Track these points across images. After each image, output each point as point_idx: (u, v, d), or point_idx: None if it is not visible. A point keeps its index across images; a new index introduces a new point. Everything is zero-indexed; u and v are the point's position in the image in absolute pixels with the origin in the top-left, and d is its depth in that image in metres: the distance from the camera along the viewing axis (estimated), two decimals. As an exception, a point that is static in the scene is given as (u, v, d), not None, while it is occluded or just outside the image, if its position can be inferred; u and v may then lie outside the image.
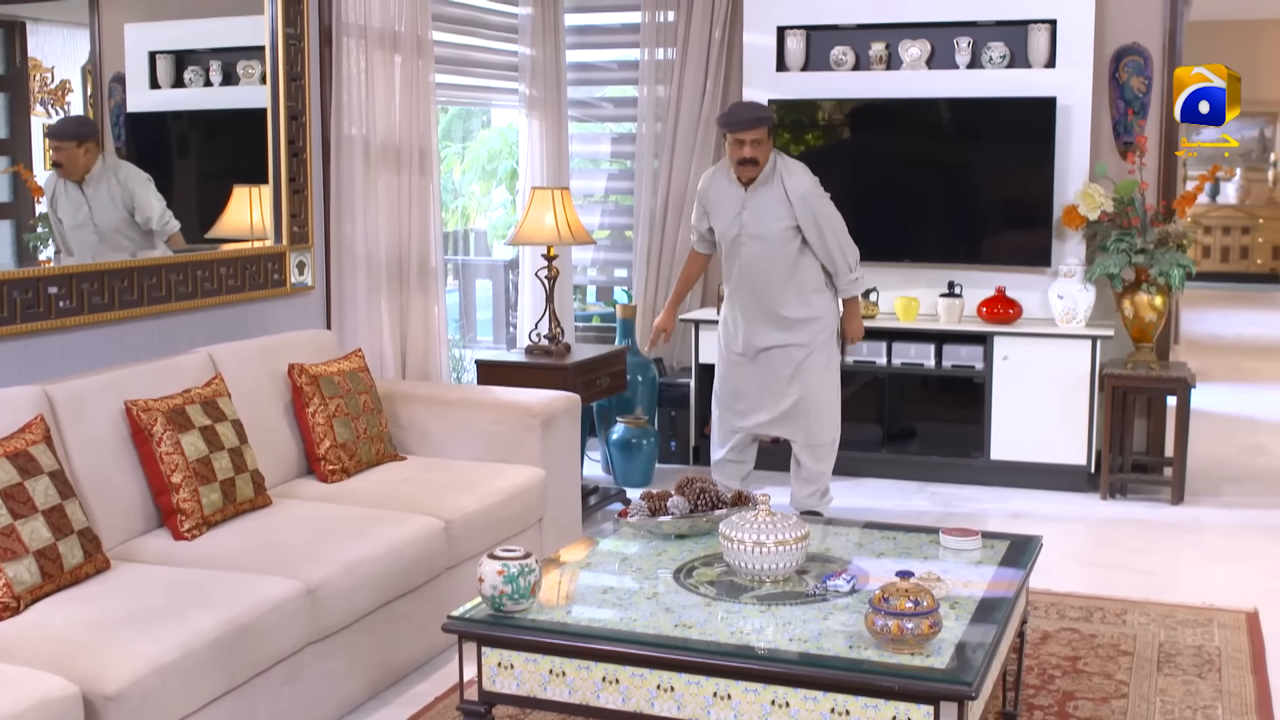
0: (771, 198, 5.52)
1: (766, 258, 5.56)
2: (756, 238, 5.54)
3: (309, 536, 3.94)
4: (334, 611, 3.72)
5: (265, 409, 4.55)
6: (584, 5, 7.57)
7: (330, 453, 4.59)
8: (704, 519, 3.82)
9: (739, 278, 5.67)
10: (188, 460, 3.91)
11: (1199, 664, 4.30)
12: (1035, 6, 6.63)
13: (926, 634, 2.91)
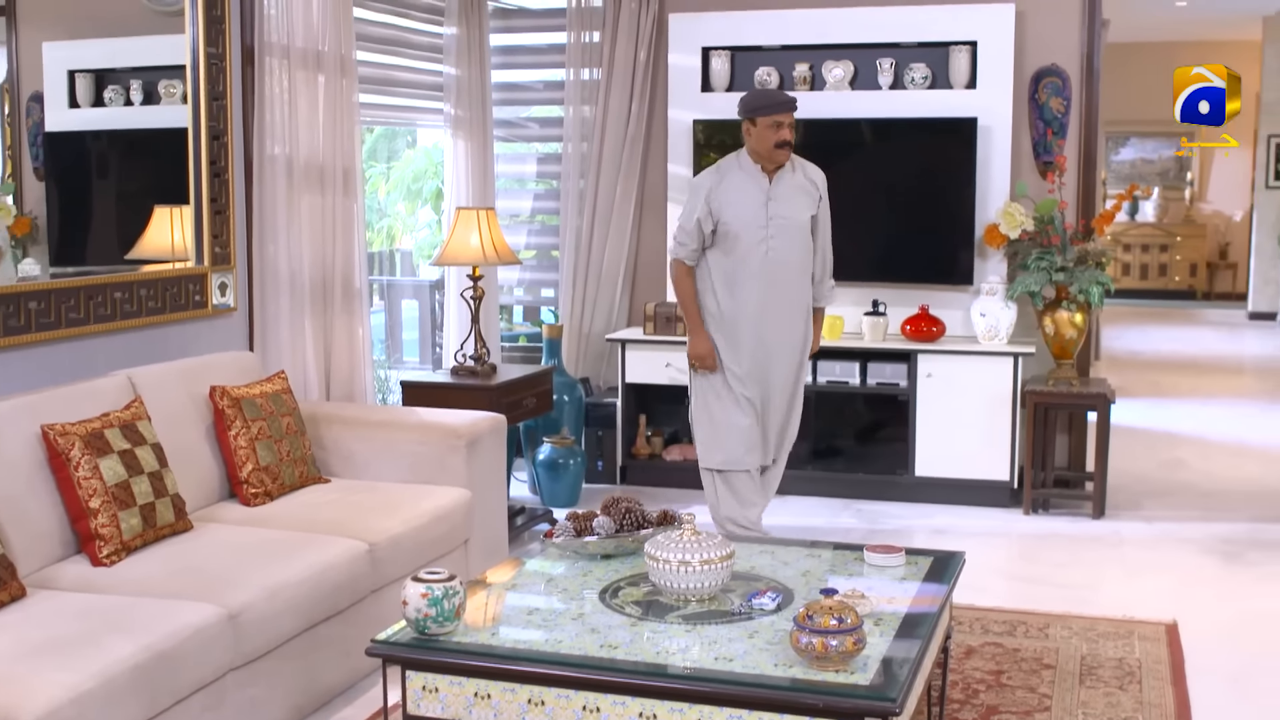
0: (795, 186, 5.45)
1: (791, 248, 5.42)
2: (786, 227, 5.40)
3: (231, 561, 3.89)
4: (256, 637, 3.67)
5: (186, 432, 4.49)
6: (510, 26, 7.58)
7: (253, 476, 4.54)
8: (629, 539, 3.82)
9: (763, 271, 5.40)
10: (106, 485, 3.86)
11: (1120, 676, 4.36)
12: (956, 29, 6.72)
13: (851, 651, 2.92)
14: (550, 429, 6.80)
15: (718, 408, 5.51)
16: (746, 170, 5.43)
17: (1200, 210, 17.65)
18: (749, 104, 5.42)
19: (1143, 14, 14.08)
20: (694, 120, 7.01)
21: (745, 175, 5.42)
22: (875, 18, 6.83)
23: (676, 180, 7.14)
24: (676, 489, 6.89)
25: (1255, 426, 8.99)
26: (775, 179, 5.42)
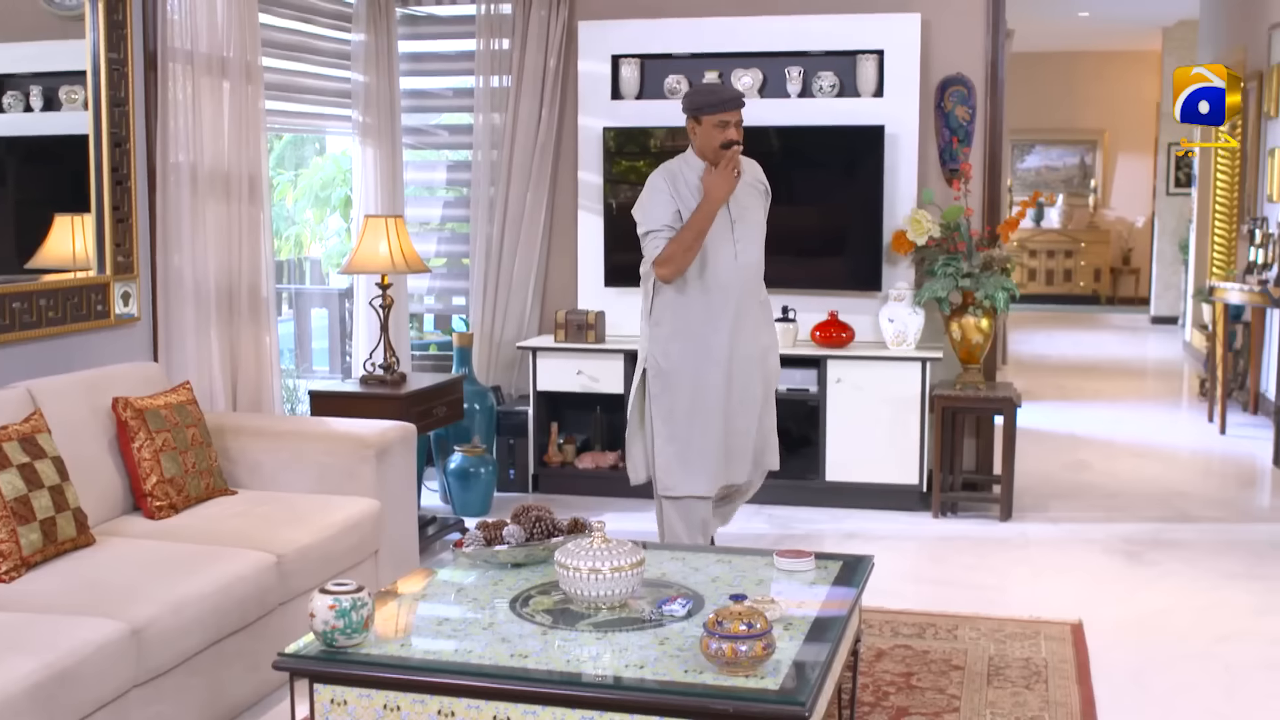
0: (747, 189, 5.18)
1: (755, 250, 5.20)
2: (749, 229, 5.16)
3: (134, 575, 3.82)
4: (161, 652, 3.61)
5: (88, 445, 4.41)
6: (418, 33, 7.53)
7: (157, 488, 4.47)
8: (540, 547, 3.81)
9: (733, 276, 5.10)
10: (5, 499, 3.77)
11: (1027, 676, 4.42)
12: (863, 37, 6.78)
13: (760, 656, 2.94)
14: (461, 438, 6.76)
15: (684, 427, 5.13)
16: (697, 171, 5.10)
17: (1104, 217, 17.98)
18: (693, 101, 5.13)
19: (1046, 24, 14.34)
20: (604, 128, 7.01)
21: (697, 177, 5.08)
22: (784, 26, 6.88)
23: (587, 188, 7.14)
24: (589, 496, 6.91)
25: (1157, 428, 9.17)
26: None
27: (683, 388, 5.12)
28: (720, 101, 5.05)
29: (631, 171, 7.07)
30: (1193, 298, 12.24)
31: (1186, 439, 8.87)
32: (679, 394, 5.12)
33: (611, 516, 6.41)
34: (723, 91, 5.17)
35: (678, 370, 5.12)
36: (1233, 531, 6.39)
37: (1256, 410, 9.34)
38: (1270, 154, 9.52)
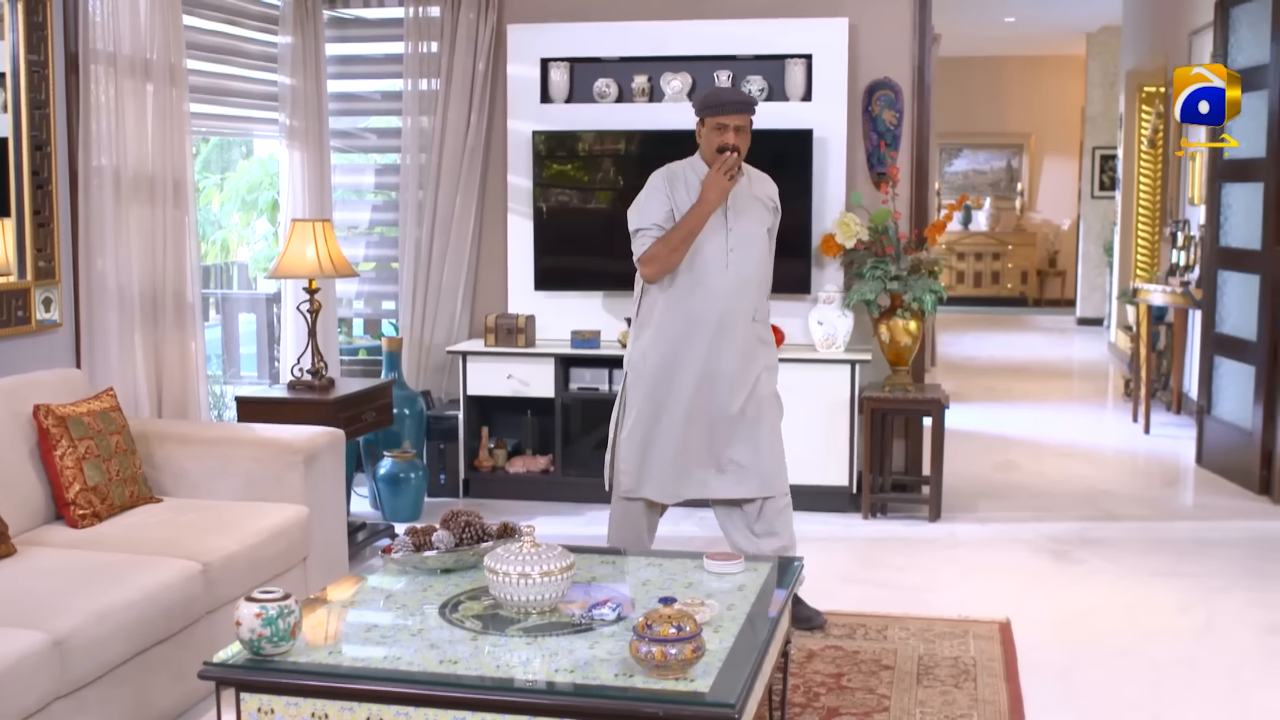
0: (750, 196, 4.96)
1: (750, 262, 4.92)
2: (746, 239, 4.90)
3: (56, 585, 3.76)
4: (84, 663, 3.55)
5: (8, 453, 4.34)
6: (345, 35, 7.48)
7: (80, 497, 4.40)
8: (470, 552, 3.79)
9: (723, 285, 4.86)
10: (-78, 509, 3.71)
11: (956, 674, 4.45)
12: (792, 42, 6.81)
13: (690, 659, 2.94)
14: (391, 443, 6.72)
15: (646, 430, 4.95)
16: (700, 174, 4.88)
17: (1030, 220, 18.19)
18: (698, 102, 4.95)
19: (972, 29, 14.48)
20: (534, 131, 7.00)
21: (699, 180, 4.86)
22: (713, 30, 6.90)
23: (517, 191, 7.12)
24: (521, 501, 6.89)
25: (1083, 428, 9.28)
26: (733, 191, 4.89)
27: (654, 392, 4.94)
28: (719, 104, 4.87)
29: (561, 175, 7.06)
30: (1117, 299, 12.41)
31: (1112, 439, 8.98)
32: (649, 398, 4.95)
33: (542, 521, 6.39)
34: (724, 94, 4.97)
35: (652, 374, 4.94)
36: (1157, 529, 6.48)
37: (1179, 410, 9.48)
38: (1192, 158, 9.67)
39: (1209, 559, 5.94)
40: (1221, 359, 7.72)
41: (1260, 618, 5.11)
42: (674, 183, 4.92)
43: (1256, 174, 7.16)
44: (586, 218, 7.13)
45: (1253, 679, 4.48)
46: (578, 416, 6.98)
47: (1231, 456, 7.48)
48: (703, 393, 4.91)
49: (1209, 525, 6.59)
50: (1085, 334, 14.89)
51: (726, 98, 4.91)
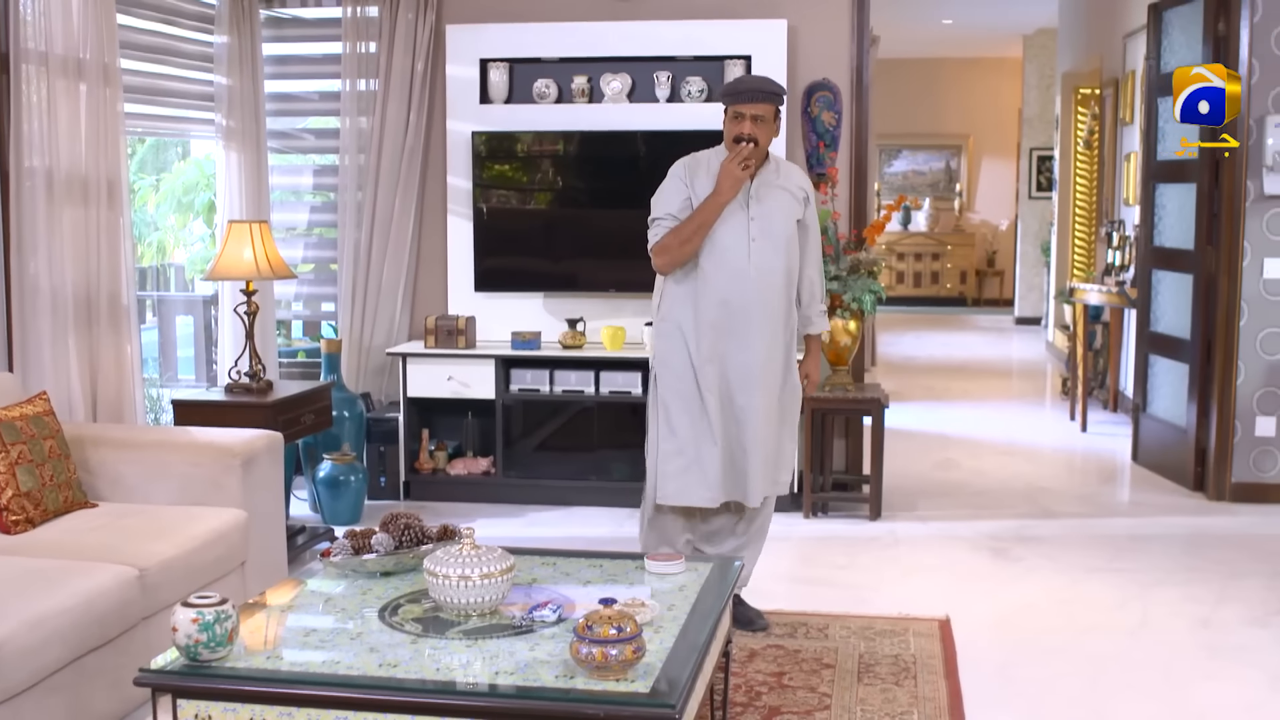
0: (776, 187, 4.77)
1: (776, 255, 4.73)
2: (770, 230, 4.71)
3: (-12, 592, 3.71)
4: (18, 670, 3.50)
5: (-61, 458, 4.27)
6: (283, 35, 7.42)
7: (13, 502, 4.34)
8: (409, 555, 3.77)
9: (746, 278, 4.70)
10: None
11: (896, 672, 4.48)
12: (731, 43, 6.83)
13: (630, 659, 2.94)
14: (330, 445, 6.68)
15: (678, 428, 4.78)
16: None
17: (969, 220, 18.34)
18: (721, 90, 4.82)
19: (911, 31, 14.58)
20: (473, 132, 6.97)
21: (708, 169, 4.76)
22: (652, 31, 6.90)
23: (456, 192, 7.09)
24: (462, 503, 6.87)
25: (1022, 427, 9.37)
26: (759, 178, 4.74)
27: (681, 391, 4.77)
28: (735, 92, 4.70)
29: (501, 176, 7.04)
30: (1054, 299, 12.53)
31: (1050, 437, 9.07)
32: (678, 396, 4.77)
33: (484, 523, 6.37)
34: (743, 82, 4.76)
35: (677, 373, 4.78)
36: (1093, 526, 6.56)
37: (1116, 408, 9.59)
38: (1126, 159, 9.78)
39: (1144, 555, 6.01)
40: (1156, 357, 7.81)
41: (1194, 612, 5.18)
42: (695, 170, 4.78)
43: (1189, 175, 7.25)
44: (527, 219, 7.12)
45: (1187, 672, 4.54)
46: (519, 418, 6.96)
47: (1166, 453, 7.57)
48: (730, 389, 4.75)
49: (1145, 521, 6.67)
50: (1023, 333, 15.03)
51: (744, 85, 4.72)
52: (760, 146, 4.65)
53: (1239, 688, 4.40)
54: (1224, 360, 6.98)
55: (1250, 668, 4.58)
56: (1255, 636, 4.90)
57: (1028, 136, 15.57)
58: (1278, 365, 6.90)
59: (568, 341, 6.83)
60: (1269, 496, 6.95)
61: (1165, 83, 7.58)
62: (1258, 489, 6.97)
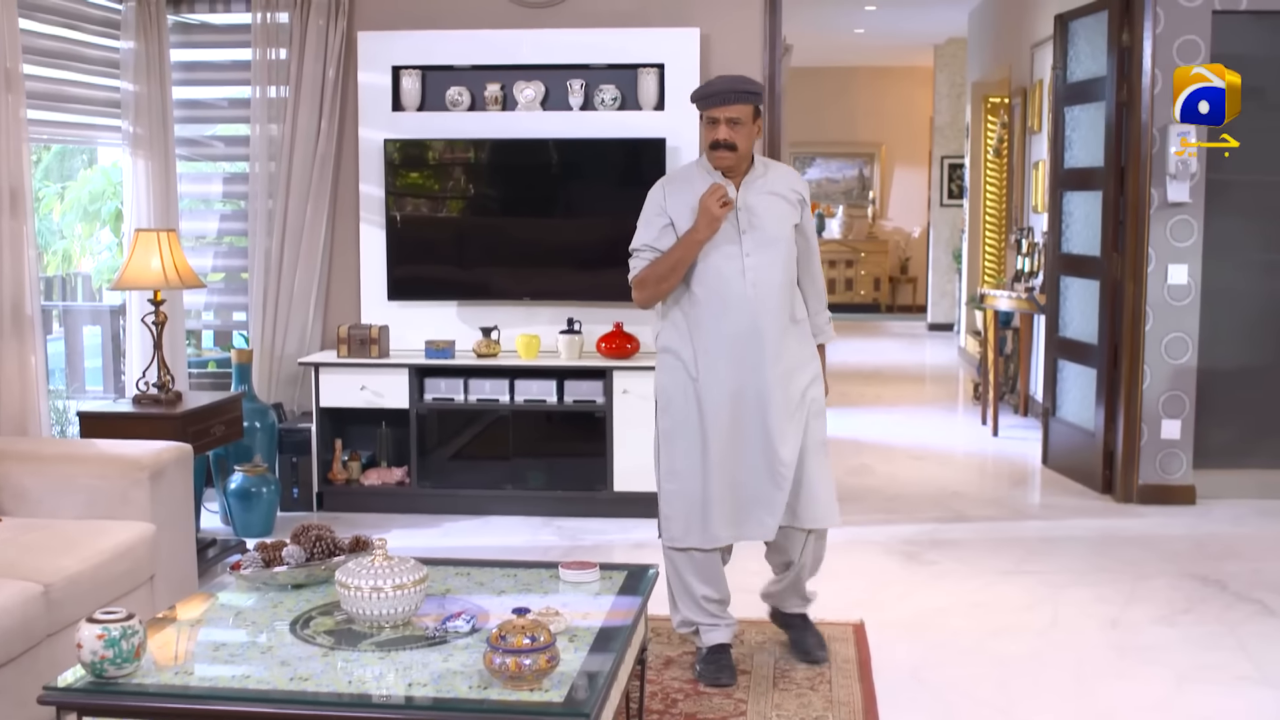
0: (768, 192, 4.44)
1: (774, 266, 4.40)
2: (764, 241, 4.39)
3: (-114, 610, 3.62)
4: (-84, 690, 3.43)
5: None
6: (191, 41, 7.33)
7: (-88, 518, 4.24)
8: (321, 567, 3.73)
9: (744, 296, 4.37)
10: None
11: (811, 677, 4.50)
12: (644, 51, 6.84)
13: (544, 669, 2.93)
14: (242, 457, 6.59)
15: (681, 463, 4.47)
16: (709, 174, 4.44)
17: (882, 227, 18.52)
18: (692, 94, 4.45)
19: (823, 39, 14.70)
20: (385, 140, 6.92)
21: (705, 181, 4.42)
22: (566, 39, 6.90)
23: (369, 200, 7.04)
24: (377, 514, 6.81)
25: (935, 431, 9.46)
26: (745, 184, 4.42)
27: (687, 424, 4.45)
28: (704, 95, 4.36)
29: (414, 184, 7.00)
30: (966, 305, 12.68)
31: (962, 441, 9.18)
32: (684, 431, 4.45)
33: (398, 534, 6.33)
34: (713, 84, 4.38)
35: (682, 405, 4.46)
36: (1004, 529, 6.64)
37: (1026, 412, 9.72)
38: (1035, 167, 9.93)
39: (1054, 557, 6.10)
40: (1065, 362, 7.93)
41: (1103, 612, 5.26)
42: (671, 187, 4.49)
43: (1095, 182, 7.38)
44: (440, 227, 7.08)
45: (1097, 672, 4.61)
46: (433, 427, 6.91)
47: (1075, 457, 7.69)
48: (743, 417, 4.42)
49: (1054, 524, 6.76)
50: (936, 339, 15.19)
51: (714, 87, 4.35)
52: (741, 152, 4.35)
53: (1147, 686, 4.47)
54: (1130, 365, 7.09)
55: (1158, 666, 4.65)
56: (1163, 635, 4.99)
57: (939, 145, 15.76)
58: (1183, 369, 7.03)
59: (482, 350, 6.80)
60: (1175, 498, 7.08)
61: (1072, 91, 7.72)
62: (1164, 490, 7.10)
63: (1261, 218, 7.09)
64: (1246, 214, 7.05)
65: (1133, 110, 6.96)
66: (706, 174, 4.43)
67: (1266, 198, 7.04)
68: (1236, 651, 4.81)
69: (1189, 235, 6.95)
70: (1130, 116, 6.99)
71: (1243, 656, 4.75)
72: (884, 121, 18.16)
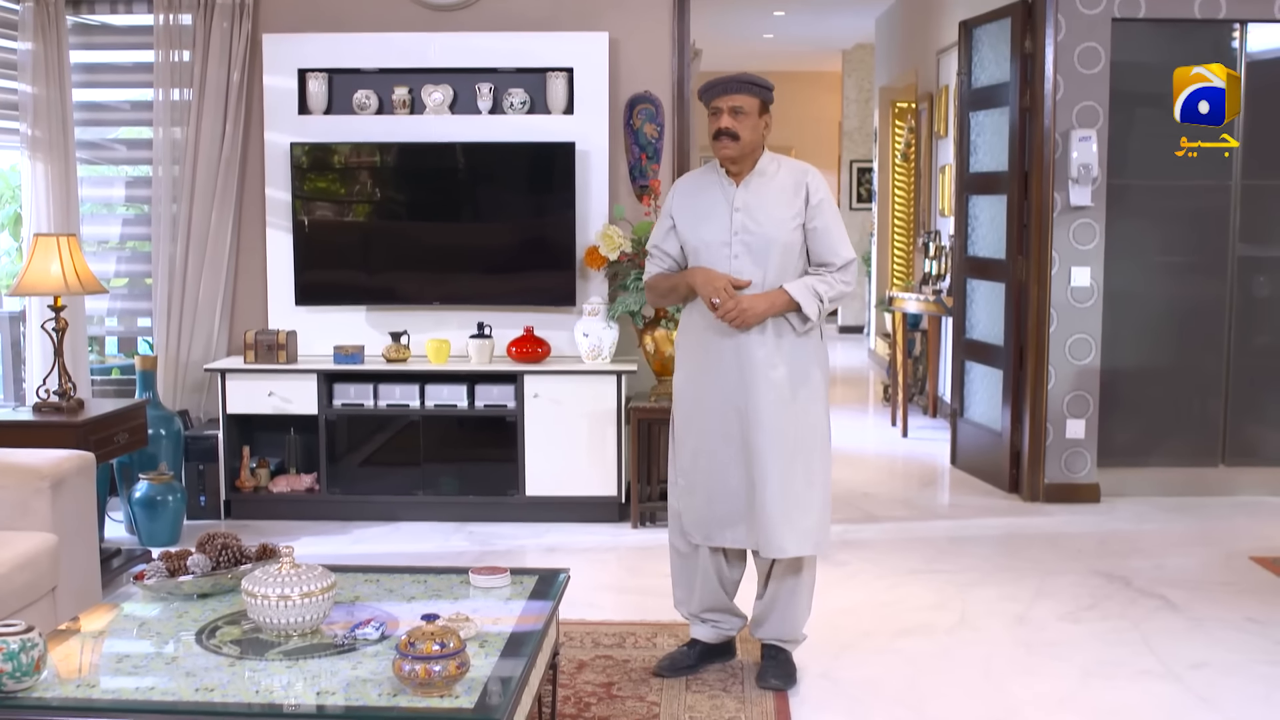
0: (774, 190, 4.32)
1: (764, 271, 4.29)
2: (754, 244, 4.28)
3: None
4: None
5: None
6: (91, 43, 7.19)
7: None
8: (228, 575, 3.68)
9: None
10: None
11: (724, 679, 4.51)
12: (553, 55, 6.83)
13: (454, 675, 2.91)
14: (147, 465, 6.49)
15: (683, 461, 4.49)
16: (716, 173, 4.41)
17: (792, 231, 18.60)
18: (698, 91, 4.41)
19: (733, 45, 14.77)
20: (292, 143, 6.85)
21: (712, 180, 4.40)
22: (475, 43, 6.87)
23: (275, 205, 6.96)
24: (285, 521, 6.74)
25: (845, 433, 9.50)
26: (745, 183, 4.35)
27: (688, 425, 4.45)
28: (705, 88, 4.31)
29: (322, 188, 6.93)
30: (875, 308, 12.80)
31: (872, 442, 9.26)
32: (686, 430, 4.46)
33: (308, 541, 6.27)
34: (719, 77, 4.32)
35: (683, 406, 4.48)
36: (914, 529, 6.71)
37: (935, 413, 9.84)
38: (941, 171, 10.05)
39: (963, 556, 6.17)
40: (972, 364, 8.04)
41: (1010, 610, 5.33)
42: (682, 187, 4.50)
43: (1000, 187, 7.48)
44: (348, 231, 7.01)
45: (1005, 668, 4.67)
46: (343, 433, 6.84)
47: (983, 457, 7.79)
48: (732, 425, 4.35)
49: (963, 524, 6.85)
50: (847, 341, 15.32)
51: (718, 79, 4.29)
52: (744, 143, 4.27)
53: (1053, 681, 4.54)
54: (1035, 366, 7.20)
55: (1063, 662, 4.72)
56: (1068, 632, 5.07)
57: (847, 149, 15.90)
58: (1086, 370, 7.15)
59: (391, 355, 6.75)
60: (1080, 496, 7.20)
61: (976, 97, 7.83)
62: (1069, 489, 7.22)
63: (1160, 221, 7.23)
64: (1147, 217, 7.19)
65: (1035, 116, 7.07)
66: (715, 175, 4.40)
67: (1165, 201, 7.19)
68: (1140, 646, 4.90)
69: (1091, 238, 7.08)
70: (1033, 122, 7.10)
71: (1146, 651, 4.84)
72: (793, 126, 18.24)
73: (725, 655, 4.68)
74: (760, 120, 4.30)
